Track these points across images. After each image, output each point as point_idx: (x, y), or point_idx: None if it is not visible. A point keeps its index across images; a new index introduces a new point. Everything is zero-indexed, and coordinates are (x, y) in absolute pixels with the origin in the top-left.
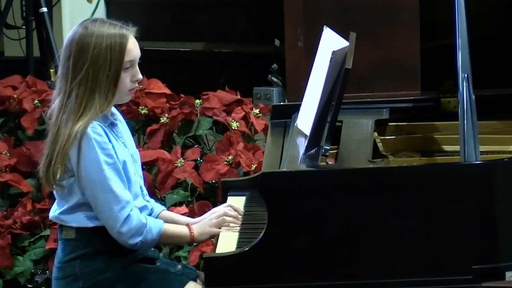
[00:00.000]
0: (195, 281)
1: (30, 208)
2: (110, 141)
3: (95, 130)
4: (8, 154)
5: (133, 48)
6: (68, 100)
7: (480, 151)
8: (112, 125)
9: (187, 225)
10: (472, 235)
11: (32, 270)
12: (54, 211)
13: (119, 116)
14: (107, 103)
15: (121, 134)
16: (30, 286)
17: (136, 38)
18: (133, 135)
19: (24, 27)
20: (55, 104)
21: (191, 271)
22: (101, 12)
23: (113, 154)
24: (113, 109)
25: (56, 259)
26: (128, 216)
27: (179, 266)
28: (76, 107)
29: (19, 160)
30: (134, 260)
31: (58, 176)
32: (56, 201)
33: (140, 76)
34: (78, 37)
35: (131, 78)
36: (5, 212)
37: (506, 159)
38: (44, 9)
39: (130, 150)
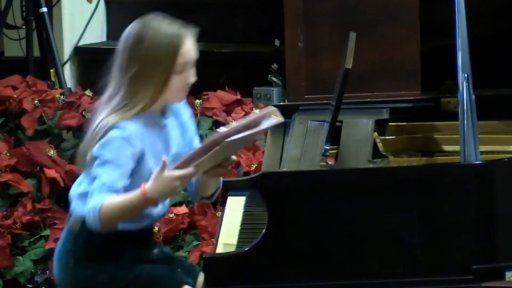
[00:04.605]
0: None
1: (30, 208)
2: (141, 140)
3: (123, 131)
4: (8, 154)
5: (188, 50)
6: (116, 93)
7: (480, 151)
8: (157, 125)
9: (142, 185)
10: (472, 235)
11: (32, 270)
12: (75, 189)
13: (183, 113)
14: (151, 102)
15: (166, 137)
16: (30, 286)
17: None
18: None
19: (24, 27)
20: (104, 96)
21: (193, 269)
22: (101, 12)
23: (124, 162)
24: (179, 106)
25: (59, 240)
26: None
27: (179, 270)
28: (120, 101)
29: (19, 160)
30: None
31: (87, 161)
32: (79, 177)
33: (192, 79)
34: (135, 33)
35: (182, 81)
36: (5, 212)
37: (506, 159)
38: (44, 9)
39: (172, 151)
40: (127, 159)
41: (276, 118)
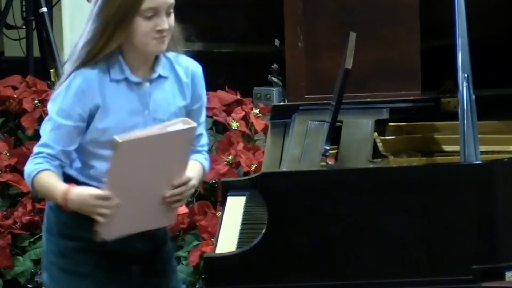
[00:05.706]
0: None
1: (30, 208)
2: (99, 93)
3: (77, 83)
4: (8, 154)
5: None
6: (81, 41)
7: (480, 151)
8: (128, 82)
9: (69, 186)
10: (472, 235)
11: (32, 270)
12: None
13: (192, 75)
14: (111, 44)
15: (144, 94)
16: (30, 286)
17: None
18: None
19: (24, 27)
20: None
21: None
22: None
23: (72, 114)
24: (186, 66)
25: None
26: (36, 153)
27: None
28: (82, 50)
29: (19, 160)
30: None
31: None
32: None
33: (164, 25)
34: None
35: (152, 27)
36: (5, 212)
37: (506, 159)
38: (44, 9)
39: (153, 111)
40: (75, 117)
41: (184, 125)
